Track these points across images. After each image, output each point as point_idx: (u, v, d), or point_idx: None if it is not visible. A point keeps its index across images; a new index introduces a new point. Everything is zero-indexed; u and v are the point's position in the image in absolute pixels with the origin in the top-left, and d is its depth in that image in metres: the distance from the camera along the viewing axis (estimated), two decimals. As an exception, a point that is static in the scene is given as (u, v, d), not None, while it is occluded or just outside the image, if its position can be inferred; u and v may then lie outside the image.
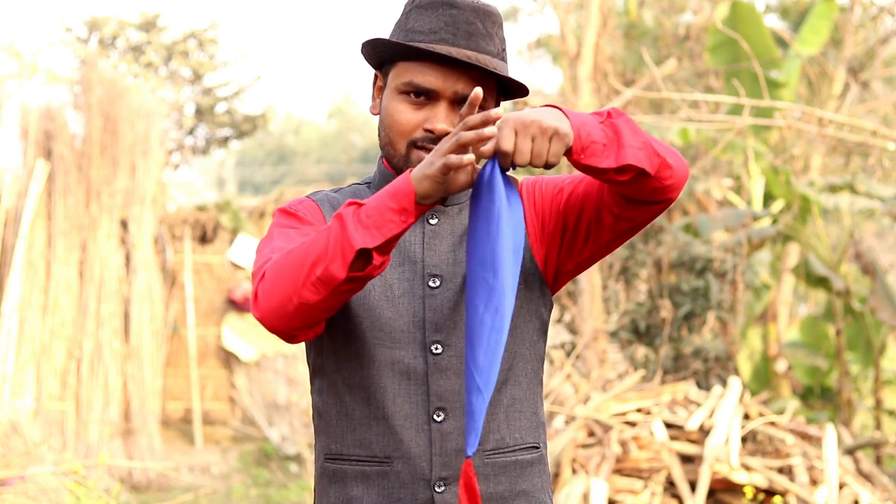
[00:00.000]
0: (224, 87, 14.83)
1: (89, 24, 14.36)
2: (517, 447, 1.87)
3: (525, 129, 1.60)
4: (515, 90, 1.87)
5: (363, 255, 1.63)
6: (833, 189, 8.28)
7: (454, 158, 1.59)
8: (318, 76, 63.60)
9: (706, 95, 7.59)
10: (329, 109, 35.96)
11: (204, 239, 10.58)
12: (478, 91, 1.61)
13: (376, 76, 1.91)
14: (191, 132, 14.65)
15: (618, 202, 1.80)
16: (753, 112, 7.59)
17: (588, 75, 8.08)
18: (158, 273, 9.60)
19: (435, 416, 1.80)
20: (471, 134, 1.59)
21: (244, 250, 10.35)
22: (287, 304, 1.67)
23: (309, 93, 49.43)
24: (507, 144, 1.60)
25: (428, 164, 1.62)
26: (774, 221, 8.47)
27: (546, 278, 1.92)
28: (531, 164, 1.63)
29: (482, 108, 1.81)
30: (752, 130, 8.47)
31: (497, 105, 1.88)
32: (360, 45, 1.86)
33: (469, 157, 1.60)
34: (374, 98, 1.92)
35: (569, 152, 1.65)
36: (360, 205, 1.65)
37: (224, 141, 14.96)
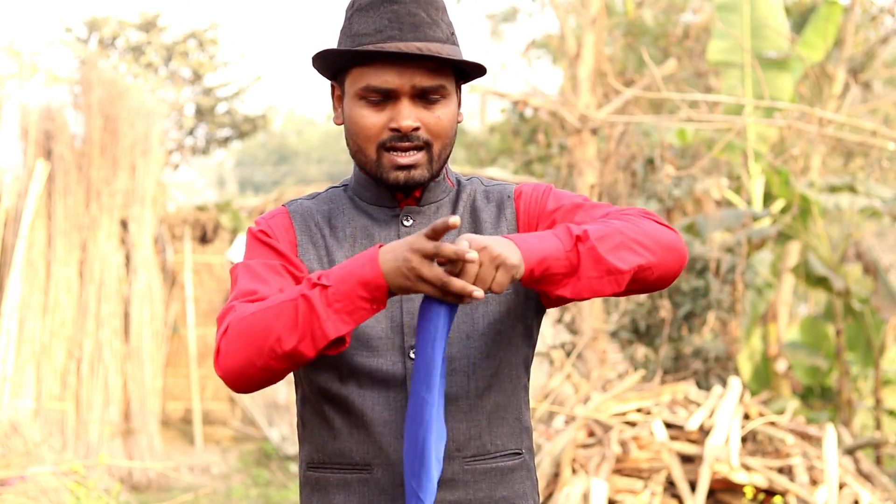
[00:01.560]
0: (224, 88, 14.83)
1: (89, 24, 14.37)
2: (498, 454, 1.86)
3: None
4: (473, 72, 1.86)
5: (337, 340, 1.66)
6: (833, 189, 8.28)
7: (452, 283, 1.58)
8: (319, 75, 63.60)
9: (706, 95, 7.59)
10: (330, 109, 35.97)
11: (204, 239, 10.58)
12: (455, 220, 1.58)
13: (333, 87, 1.90)
14: (191, 132, 14.65)
15: None
16: (759, 113, 7.59)
17: (588, 75, 8.08)
18: (158, 273, 9.60)
19: None
20: (449, 252, 1.58)
21: (244, 250, 10.35)
22: (249, 368, 1.68)
23: (310, 92, 49.49)
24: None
25: (405, 276, 1.60)
26: (774, 221, 8.47)
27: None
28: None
29: (441, 95, 1.80)
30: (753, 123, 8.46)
31: (458, 91, 1.87)
32: (311, 60, 1.85)
33: (463, 286, 1.58)
34: (335, 109, 1.91)
35: (522, 279, 1.66)
36: (325, 286, 1.63)
37: (224, 141, 14.96)
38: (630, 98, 8.20)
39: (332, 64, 1.85)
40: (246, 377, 1.70)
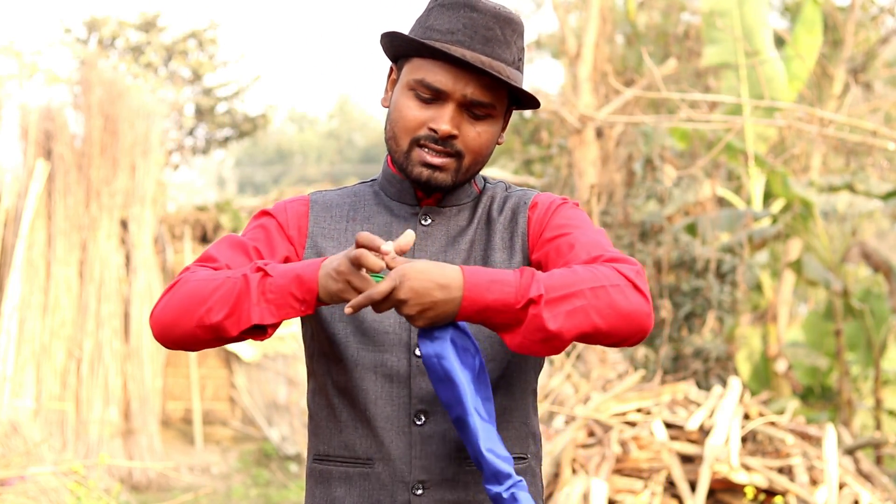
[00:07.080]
0: (224, 88, 14.83)
1: (89, 24, 14.37)
2: None
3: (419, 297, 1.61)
4: (526, 101, 1.86)
5: (258, 327, 1.68)
6: (832, 189, 8.28)
7: (361, 299, 1.59)
8: (320, 74, 63.61)
9: (706, 95, 7.59)
10: (332, 108, 35.98)
11: (204, 239, 10.58)
12: (405, 240, 1.61)
13: (392, 69, 1.91)
14: (191, 132, 14.66)
15: None
16: (759, 113, 7.58)
17: (588, 75, 8.08)
18: (158, 273, 9.60)
19: (416, 420, 1.80)
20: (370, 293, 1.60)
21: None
22: (175, 328, 1.73)
23: (311, 91, 49.51)
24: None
25: (333, 279, 1.61)
26: (774, 221, 8.46)
27: None
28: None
29: (489, 113, 1.81)
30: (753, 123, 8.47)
31: (507, 114, 1.87)
32: (380, 36, 1.88)
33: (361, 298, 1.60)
34: (386, 90, 1.92)
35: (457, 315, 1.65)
36: (267, 274, 1.66)
37: (224, 141, 14.96)
38: (630, 98, 8.20)
39: (397, 47, 1.86)
40: (171, 335, 1.74)
